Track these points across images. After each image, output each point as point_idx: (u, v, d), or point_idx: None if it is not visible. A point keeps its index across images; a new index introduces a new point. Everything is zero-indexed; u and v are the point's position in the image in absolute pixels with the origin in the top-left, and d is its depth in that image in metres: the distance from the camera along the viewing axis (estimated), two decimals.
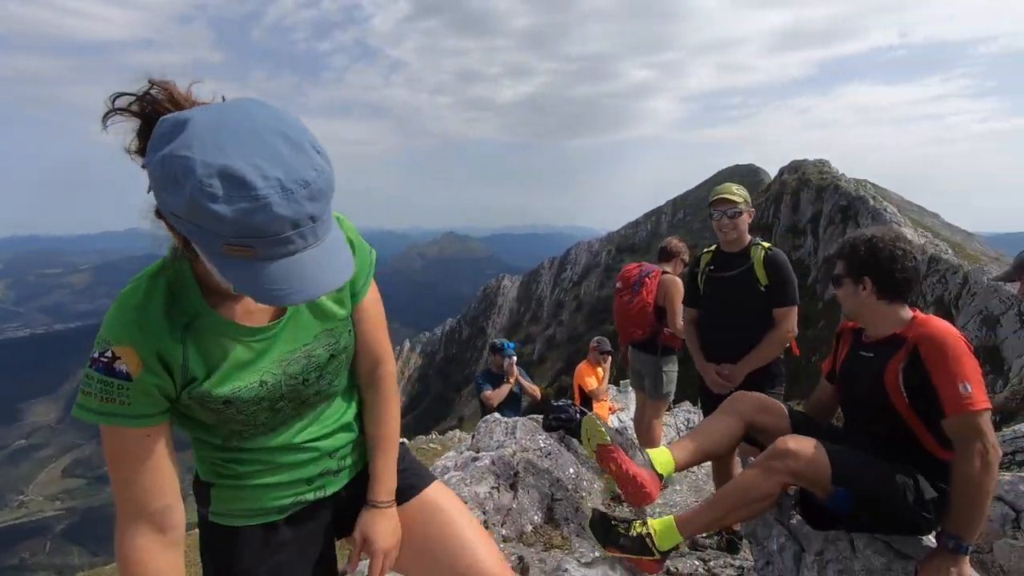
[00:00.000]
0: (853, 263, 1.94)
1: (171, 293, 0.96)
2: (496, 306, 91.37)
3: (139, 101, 0.85)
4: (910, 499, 1.69)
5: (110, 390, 0.91)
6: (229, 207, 0.71)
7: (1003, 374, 23.37)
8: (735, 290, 2.98)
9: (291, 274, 0.77)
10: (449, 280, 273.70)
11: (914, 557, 1.76)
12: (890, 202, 42.83)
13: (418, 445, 7.23)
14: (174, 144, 0.74)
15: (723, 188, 3.05)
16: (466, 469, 2.92)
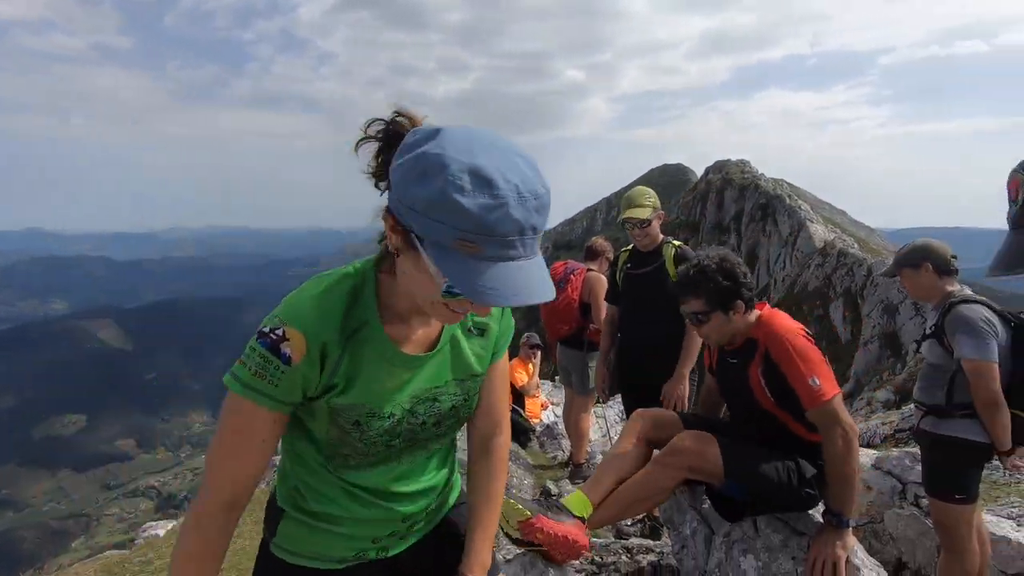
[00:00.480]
0: (719, 294, 1.95)
1: (353, 297, 0.99)
2: None
3: (388, 126, 0.94)
4: (794, 480, 1.83)
5: (266, 368, 0.94)
6: (473, 201, 0.76)
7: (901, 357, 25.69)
8: (649, 287, 3.14)
9: (507, 278, 0.80)
10: None
11: (807, 533, 1.91)
12: (804, 200, 45.95)
13: None
14: (429, 145, 0.81)
15: (632, 198, 3.20)
16: None
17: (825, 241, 37.87)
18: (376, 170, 0.96)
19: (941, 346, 2.65)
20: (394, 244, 0.89)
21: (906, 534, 3.48)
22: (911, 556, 3.49)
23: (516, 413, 4.76)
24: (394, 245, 0.90)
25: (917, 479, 3.41)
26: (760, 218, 45.87)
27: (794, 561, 1.84)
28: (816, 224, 40.39)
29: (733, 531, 2.02)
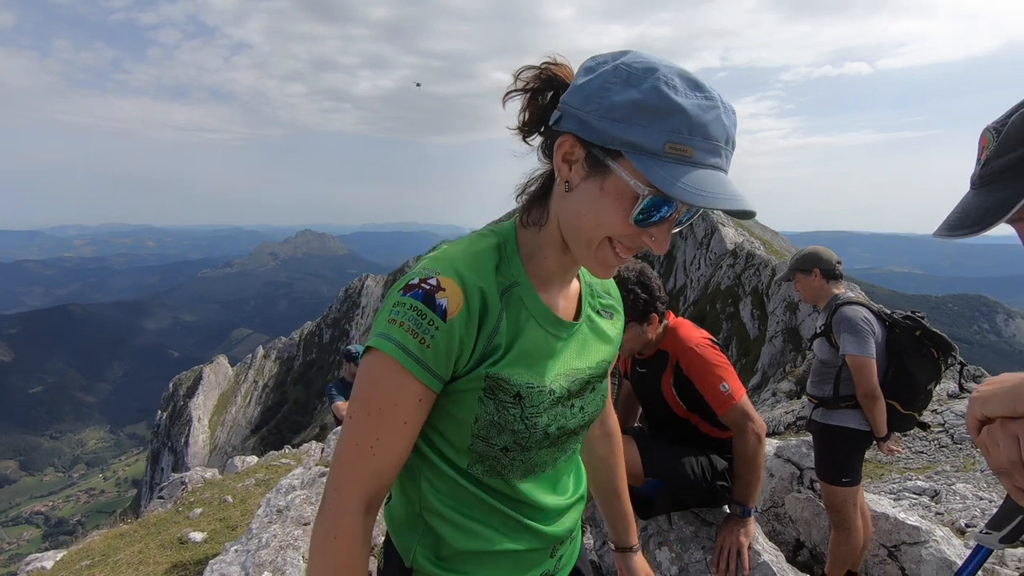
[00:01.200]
0: (637, 307, 2.02)
1: (499, 253, 0.88)
2: (360, 307, 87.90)
3: (543, 71, 0.85)
4: (708, 475, 1.95)
5: (420, 323, 0.79)
6: (687, 100, 0.72)
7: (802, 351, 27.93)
8: None
9: (720, 184, 0.73)
10: (306, 281, 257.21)
11: (715, 523, 2.04)
12: None
13: (268, 462, 6.70)
14: (624, 58, 0.77)
15: None
16: (313, 486, 2.77)
17: (735, 243, 40.59)
18: (530, 119, 0.85)
19: (829, 344, 2.92)
20: (566, 176, 0.80)
21: (803, 516, 3.80)
22: (807, 536, 3.81)
23: None
24: (566, 177, 0.80)
25: (812, 465, 3.72)
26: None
27: (704, 550, 1.96)
28: (727, 227, 43.19)
29: (649, 526, 2.12)
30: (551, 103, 0.84)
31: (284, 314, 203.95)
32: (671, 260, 47.73)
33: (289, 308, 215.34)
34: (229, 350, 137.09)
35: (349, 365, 5.08)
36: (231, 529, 4.57)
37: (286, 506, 2.43)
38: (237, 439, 70.17)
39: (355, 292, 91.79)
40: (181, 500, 5.80)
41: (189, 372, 79.37)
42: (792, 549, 3.88)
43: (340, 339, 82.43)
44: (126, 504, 52.50)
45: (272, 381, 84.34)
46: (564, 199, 0.82)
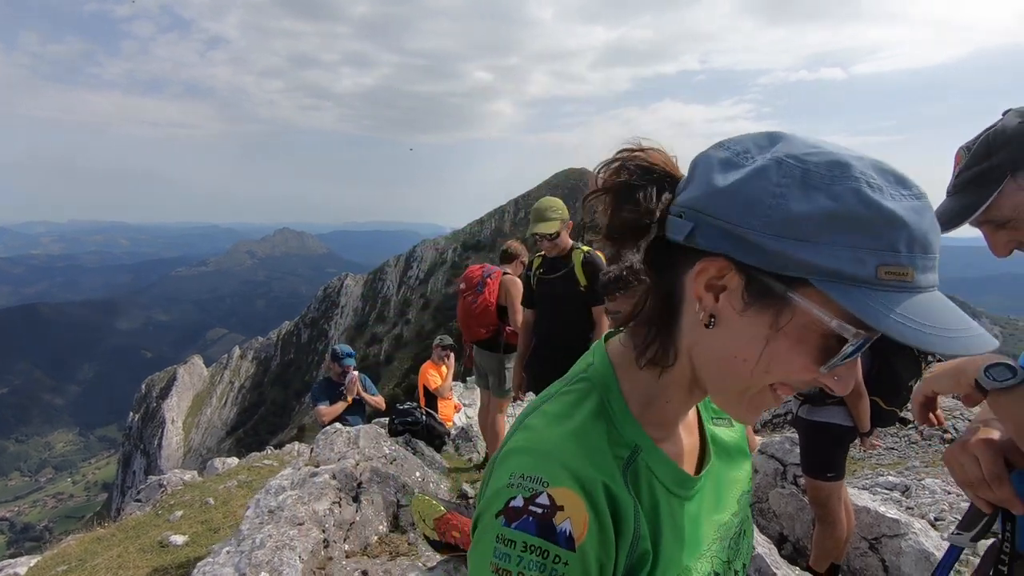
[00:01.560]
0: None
1: (605, 417, 0.65)
2: (339, 306, 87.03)
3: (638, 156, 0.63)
4: None
5: (545, 566, 0.55)
6: (901, 204, 0.51)
7: None
8: (560, 291, 3.27)
9: (949, 315, 0.54)
10: (284, 280, 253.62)
11: None
12: None
13: (250, 463, 6.59)
14: (782, 148, 0.55)
15: (540, 212, 3.32)
16: (304, 486, 2.74)
17: None
18: (622, 225, 0.64)
19: None
20: (711, 308, 0.59)
21: (787, 511, 3.88)
22: (791, 530, 3.90)
23: (431, 416, 4.71)
24: (710, 310, 0.59)
25: (796, 461, 3.81)
26: None
27: None
28: None
29: None
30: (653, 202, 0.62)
31: (261, 314, 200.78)
32: None
33: (267, 308, 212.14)
34: (204, 350, 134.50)
35: (334, 365, 5.00)
36: (213, 532, 4.49)
37: (278, 506, 2.40)
38: (212, 441, 68.85)
39: (334, 291, 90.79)
40: (160, 503, 5.69)
41: (163, 373, 77.58)
42: (776, 543, 3.97)
43: (319, 339, 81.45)
44: (96, 509, 51.07)
45: (249, 382, 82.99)
46: (706, 336, 0.60)
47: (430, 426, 4.54)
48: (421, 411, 4.61)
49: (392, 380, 64.19)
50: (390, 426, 4.59)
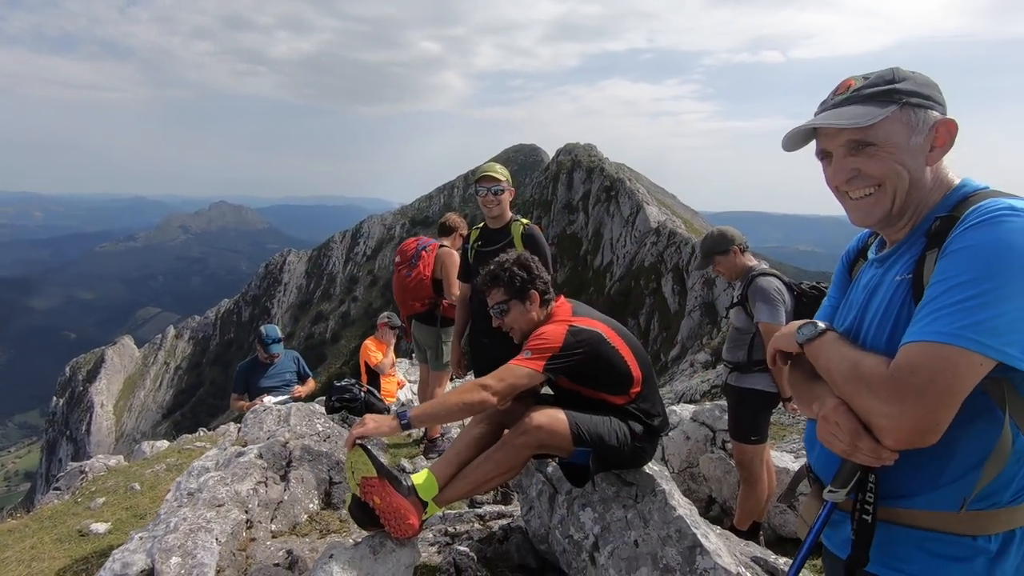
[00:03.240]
0: (515, 285, 2.13)
1: None
2: (281, 283, 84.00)
3: None
4: (629, 439, 2.03)
5: None
6: None
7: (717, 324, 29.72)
8: None
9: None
10: (222, 256, 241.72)
11: (635, 483, 2.12)
12: (641, 184, 50.57)
13: (181, 446, 6.31)
14: None
15: (488, 167, 3.25)
16: (228, 466, 2.62)
17: (659, 222, 42.25)
18: None
19: (744, 312, 3.10)
20: None
21: (715, 474, 4.07)
22: (719, 492, 4.10)
23: (371, 394, 4.62)
24: None
25: (725, 427, 3.98)
26: (605, 199, 49.58)
27: (624, 508, 2.04)
28: (652, 206, 44.80)
29: (573, 489, 2.18)
30: None
31: (198, 291, 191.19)
32: (599, 237, 48.98)
33: (203, 285, 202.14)
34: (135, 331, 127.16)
35: (260, 349, 4.75)
36: (139, 518, 4.28)
37: (198, 488, 2.29)
38: (147, 425, 65.70)
39: (276, 268, 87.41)
40: (80, 490, 5.36)
41: (89, 355, 72.96)
42: (705, 505, 4.16)
43: (261, 317, 78.49)
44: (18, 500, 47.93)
45: (186, 362, 79.29)
46: None
47: (369, 402, 4.45)
48: (360, 387, 4.51)
49: (339, 359, 62.94)
50: (326, 403, 4.47)
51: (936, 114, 1.06)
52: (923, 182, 1.08)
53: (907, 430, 0.94)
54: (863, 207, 1.10)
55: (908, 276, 1.06)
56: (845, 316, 1.19)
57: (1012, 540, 1.00)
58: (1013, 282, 0.91)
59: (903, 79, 1.06)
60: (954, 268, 0.95)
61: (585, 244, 50.60)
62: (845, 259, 1.34)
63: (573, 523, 2.13)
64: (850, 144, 1.08)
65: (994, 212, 0.95)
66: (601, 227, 49.24)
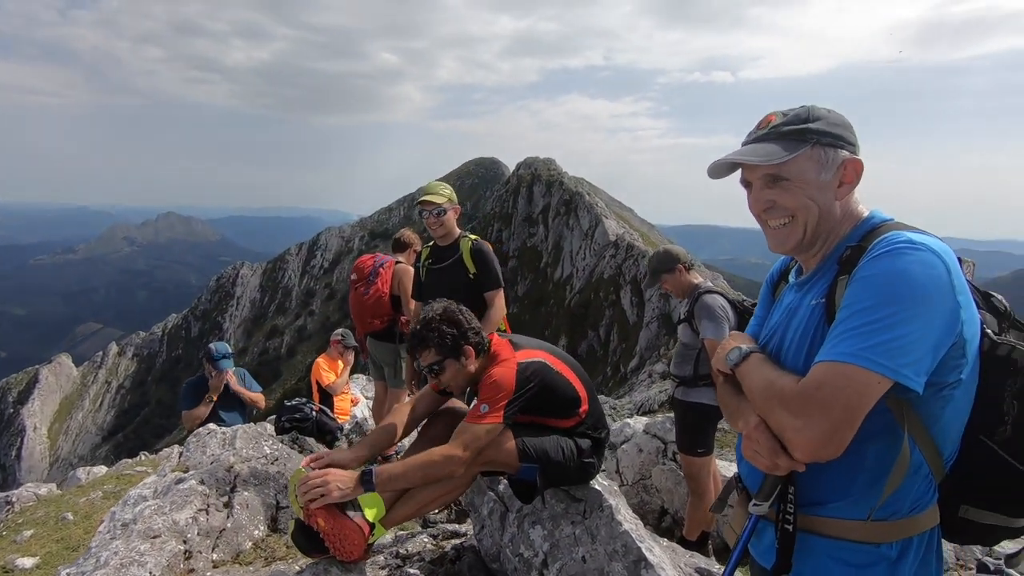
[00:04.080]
0: (447, 343, 2.04)
1: None
2: (234, 297, 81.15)
3: None
4: (575, 455, 2.06)
5: None
6: None
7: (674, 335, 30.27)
8: (449, 280, 3.23)
9: None
10: (170, 268, 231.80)
11: (584, 499, 2.16)
12: (600, 198, 51.53)
13: (120, 471, 5.98)
14: None
15: (428, 188, 3.26)
16: (167, 494, 2.52)
17: (617, 235, 43.06)
18: None
19: (691, 328, 3.20)
20: None
21: (667, 485, 4.16)
22: (671, 503, 4.19)
23: (323, 413, 4.52)
24: None
25: (674, 439, 4.08)
26: (564, 213, 50.22)
27: (573, 524, 2.07)
28: (610, 220, 45.66)
29: (524, 506, 2.19)
30: None
31: (143, 306, 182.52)
32: (559, 250, 49.51)
33: (149, 299, 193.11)
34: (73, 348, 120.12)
35: (209, 366, 4.56)
36: (71, 551, 4.03)
37: (133, 519, 2.19)
38: (85, 448, 61.90)
39: (228, 281, 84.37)
40: (6, 522, 5.01)
41: (21, 375, 68.36)
42: (657, 516, 4.24)
43: (211, 332, 75.45)
44: None
45: (129, 381, 75.23)
46: None
47: (321, 422, 4.35)
48: (311, 406, 4.41)
49: (295, 374, 61.08)
50: (276, 424, 4.35)
51: (845, 153, 1.15)
52: (832, 215, 1.17)
53: (813, 442, 1.00)
54: (779, 236, 1.20)
55: (822, 300, 1.14)
56: (769, 336, 1.28)
57: (909, 547, 1.09)
58: (909, 308, 0.99)
59: (817, 119, 1.15)
60: (860, 295, 1.04)
61: (545, 257, 51.05)
62: (769, 280, 1.44)
63: (523, 541, 2.14)
64: (766, 177, 1.17)
65: (896, 244, 1.05)
66: (561, 240, 49.80)
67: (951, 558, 3.25)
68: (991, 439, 1.09)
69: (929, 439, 1.06)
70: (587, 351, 38.37)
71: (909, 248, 1.03)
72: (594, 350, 38.24)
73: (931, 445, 1.06)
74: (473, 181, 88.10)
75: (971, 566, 3.19)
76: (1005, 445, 1.09)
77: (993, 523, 1.15)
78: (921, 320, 0.99)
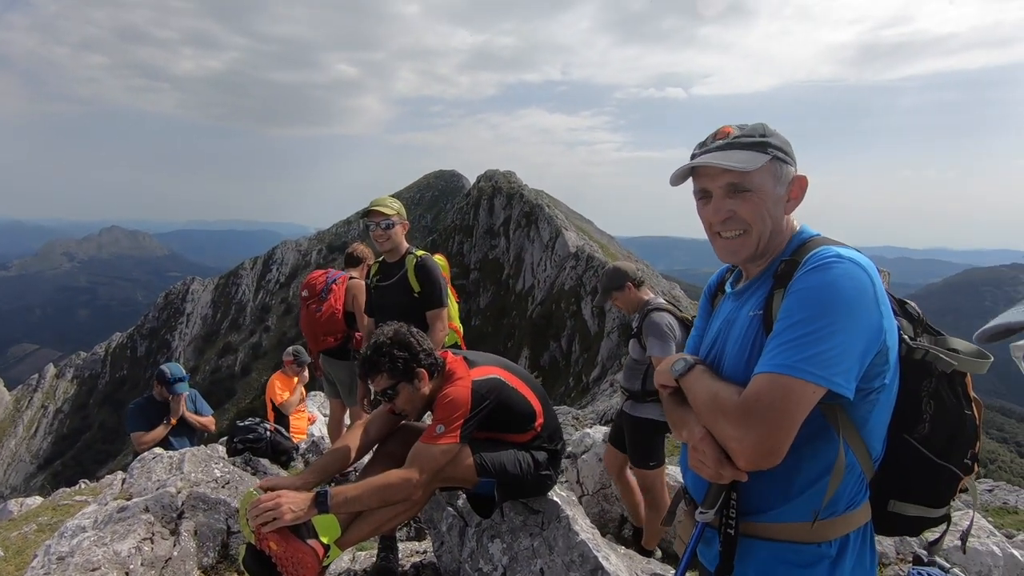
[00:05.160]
0: (399, 367, 2.02)
1: None
2: (184, 314, 77.87)
3: None
4: (532, 468, 2.08)
5: None
6: None
7: None
8: (395, 297, 3.20)
9: None
10: (114, 285, 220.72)
11: (542, 511, 2.17)
12: (560, 210, 52.23)
13: (56, 502, 5.64)
14: None
15: (378, 201, 3.24)
16: (108, 525, 2.40)
17: (577, 246, 43.68)
18: None
19: (639, 344, 3.27)
20: None
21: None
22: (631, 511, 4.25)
23: (278, 432, 4.38)
24: None
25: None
26: (525, 224, 50.66)
27: (531, 536, 2.09)
28: (570, 232, 46.29)
29: (483, 521, 2.19)
30: None
31: (84, 325, 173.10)
32: (520, 262, 49.81)
33: (91, 318, 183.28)
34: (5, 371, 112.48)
35: (161, 389, 4.37)
36: None
37: (69, 552, 2.07)
38: (18, 479, 57.83)
39: (178, 297, 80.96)
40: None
41: None
42: (618, 525, 4.29)
43: (160, 351, 72.09)
44: None
45: (68, 405, 70.84)
46: None
47: (275, 442, 4.22)
48: (265, 426, 4.27)
49: (250, 393, 58.95)
50: (228, 446, 4.19)
51: (793, 169, 1.22)
52: (781, 228, 1.23)
53: (754, 451, 1.05)
54: (732, 247, 1.23)
55: (759, 312, 1.19)
56: (710, 346, 1.32)
57: (847, 543, 1.14)
58: (839, 320, 1.05)
59: (771, 135, 1.20)
60: (794, 308, 1.10)
61: (507, 268, 51.23)
62: (707, 292, 1.49)
63: (483, 555, 2.14)
64: (729, 187, 1.19)
65: (825, 259, 1.11)
66: (522, 252, 50.12)
67: (892, 552, 3.42)
68: (912, 436, 1.17)
69: (860, 441, 1.12)
70: (549, 362, 38.58)
71: (837, 262, 1.10)
72: (556, 361, 38.48)
73: (862, 446, 1.13)
74: (434, 193, 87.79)
75: (909, 559, 3.36)
76: (924, 442, 1.17)
77: (917, 514, 1.23)
78: (849, 331, 1.05)
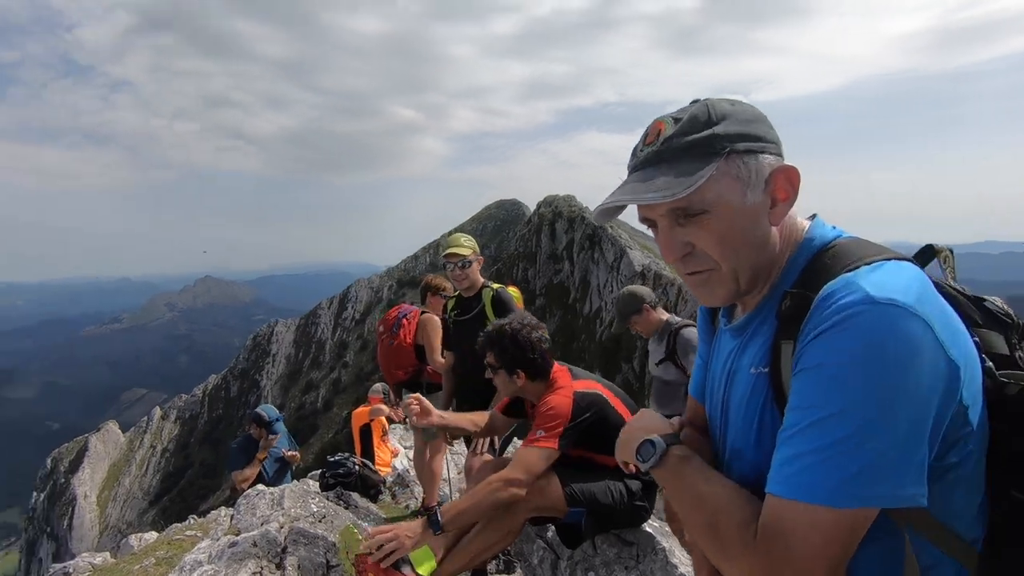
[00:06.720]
0: (505, 358, 2.19)
1: None
2: (270, 355, 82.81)
3: None
4: (625, 498, 2.03)
5: None
6: None
7: None
8: (474, 331, 3.26)
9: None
10: (209, 331, 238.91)
11: (636, 542, 2.11)
12: (623, 230, 51.65)
13: (170, 536, 6.06)
14: None
15: (452, 241, 3.34)
16: (221, 559, 2.55)
17: (643, 265, 42.85)
18: None
19: (675, 366, 3.14)
20: None
21: None
22: None
23: (366, 466, 4.53)
24: None
25: None
26: (588, 247, 50.39)
27: (627, 570, 2.02)
28: (635, 250, 45.55)
29: (575, 554, 2.16)
30: None
31: (186, 370, 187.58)
32: (586, 285, 49.43)
33: (191, 363, 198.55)
34: (120, 415, 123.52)
35: (260, 431, 4.69)
36: None
37: None
38: (133, 514, 62.76)
39: (264, 339, 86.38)
40: None
41: (71, 444, 70.36)
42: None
43: (250, 391, 76.86)
44: None
45: (173, 444, 76.70)
46: None
47: (364, 476, 4.36)
48: (353, 460, 4.43)
49: (331, 428, 61.37)
50: (321, 481, 4.37)
51: (770, 159, 0.84)
52: (769, 245, 0.87)
53: None
54: (704, 289, 0.90)
55: (765, 370, 0.87)
56: (712, 392, 1.04)
57: None
58: (888, 407, 0.71)
59: (722, 117, 0.83)
60: (814, 394, 0.75)
61: (573, 292, 50.94)
62: (704, 311, 1.14)
63: None
64: (674, 213, 0.85)
65: (852, 309, 0.73)
66: (587, 274, 49.74)
67: None
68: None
69: (944, 530, 0.80)
70: (623, 384, 37.54)
71: (867, 308, 0.72)
72: (630, 383, 37.50)
73: (948, 536, 0.81)
74: (496, 223, 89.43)
75: None
76: None
77: None
78: (906, 416, 0.71)
